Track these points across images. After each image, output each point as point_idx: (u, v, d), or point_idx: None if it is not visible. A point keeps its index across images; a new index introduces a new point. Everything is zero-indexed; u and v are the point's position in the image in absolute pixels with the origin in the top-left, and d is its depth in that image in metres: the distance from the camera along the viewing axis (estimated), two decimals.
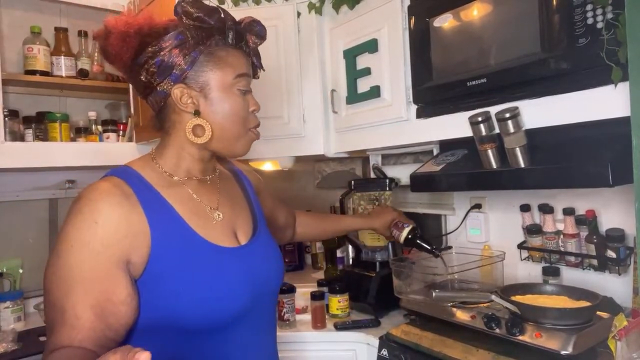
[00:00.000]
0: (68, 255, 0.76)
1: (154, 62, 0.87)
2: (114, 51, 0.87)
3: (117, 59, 0.88)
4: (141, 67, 0.88)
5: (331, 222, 1.58)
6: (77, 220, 0.78)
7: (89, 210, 0.78)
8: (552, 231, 1.46)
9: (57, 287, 0.76)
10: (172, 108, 0.91)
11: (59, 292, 0.75)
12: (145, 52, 0.87)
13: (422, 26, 1.44)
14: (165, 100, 0.90)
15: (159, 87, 0.88)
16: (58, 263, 0.77)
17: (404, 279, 1.54)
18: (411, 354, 1.34)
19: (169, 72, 0.87)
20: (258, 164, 2.13)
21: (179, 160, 0.93)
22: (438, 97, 1.44)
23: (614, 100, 1.02)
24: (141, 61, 0.87)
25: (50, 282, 0.77)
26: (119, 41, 0.86)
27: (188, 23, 0.89)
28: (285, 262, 2.42)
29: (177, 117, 0.91)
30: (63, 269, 0.76)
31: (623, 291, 1.33)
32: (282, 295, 1.59)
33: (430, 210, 1.95)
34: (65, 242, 0.77)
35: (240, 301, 0.87)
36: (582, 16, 1.04)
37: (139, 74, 0.89)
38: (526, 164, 1.20)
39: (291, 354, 1.57)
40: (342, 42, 1.80)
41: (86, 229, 0.77)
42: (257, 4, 1.88)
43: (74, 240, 0.76)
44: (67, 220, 0.79)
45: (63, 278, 0.76)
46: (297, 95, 1.90)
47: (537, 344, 1.12)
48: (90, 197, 0.80)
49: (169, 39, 0.87)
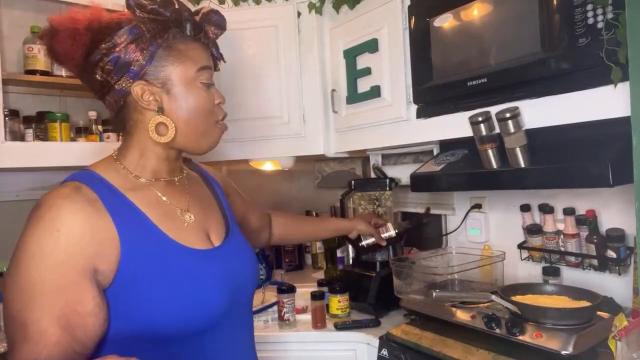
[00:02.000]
0: (29, 265, 0.71)
1: (109, 60, 0.82)
2: (63, 50, 0.83)
3: (68, 58, 0.84)
4: (95, 66, 0.83)
5: (312, 224, 1.57)
6: (37, 228, 0.73)
7: (50, 217, 0.73)
8: (552, 231, 1.46)
9: (18, 299, 0.71)
10: (133, 107, 0.87)
11: (19, 305, 0.71)
12: (99, 49, 0.82)
13: (423, 26, 1.44)
14: (124, 98, 0.86)
15: (117, 86, 0.84)
16: (18, 273, 0.71)
17: (404, 279, 1.54)
18: (411, 354, 1.34)
19: (127, 68, 0.83)
20: (258, 164, 2.13)
21: (144, 160, 0.89)
22: (438, 97, 1.44)
23: (614, 100, 1.02)
24: (95, 59, 0.83)
25: (10, 294, 0.72)
26: (67, 39, 0.82)
27: (142, 16, 0.85)
28: (285, 262, 2.42)
29: (139, 116, 0.87)
30: (24, 280, 0.71)
31: (623, 291, 1.33)
32: (282, 295, 1.59)
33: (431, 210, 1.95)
34: (25, 252, 0.72)
35: (218, 304, 0.85)
36: (582, 16, 1.04)
37: (93, 73, 0.84)
38: (526, 164, 1.20)
39: (291, 354, 1.57)
40: (342, 42, 1.80)
41: (48, 237, 0.72)
42: (257, 3, 1.88)
43: (35, 249, 0.72)
44: (27, 228, 0.74)
45: (24, 290, 0.71)
46: (297, 95, 1.89)
47: (537, 344, 1.12)
48: (52, 204, 0.75)
49: (123, 34, 0.82)
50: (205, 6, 0.93)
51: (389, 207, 1.78)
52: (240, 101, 1.90)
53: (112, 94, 0.86)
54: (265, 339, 1.58)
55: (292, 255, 2.44)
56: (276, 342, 1.58)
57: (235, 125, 1.91)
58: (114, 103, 0.87)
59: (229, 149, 1.93)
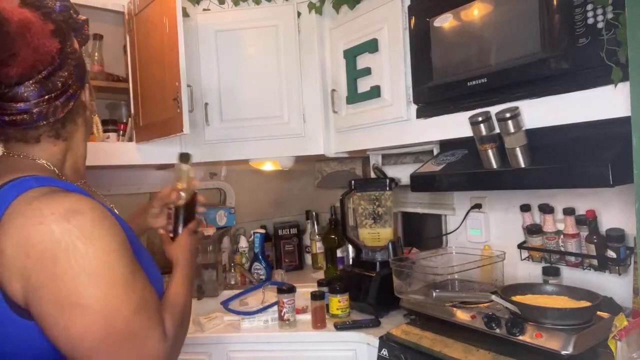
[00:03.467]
0: (112, 263, 0.76)
1: (74, 64, 0.84)
2: (36, 45, 0.77)
3: (37, 56, 0.78)
4: (60, 69, 0.82)
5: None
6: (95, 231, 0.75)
7: (96, 219, 0.76)
8: (552, 231, 1.46)
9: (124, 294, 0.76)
10: (77, 110, 0.88)
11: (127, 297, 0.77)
12: (64, 52, 0.82)
13: (423, 26, 1.44)
14: (74, 102, 0.86)
15: (71, 90, 0.84)
16: (105, 275, 0.74)
17: (404, 279, 1.54)
18: (411, 354, 1.34)
19: (83, 72, 0.87)
20: (258, 164, 2.13)
21: (76, 164, 0.92)
22: (438, 97, 1.44)
23: (614, 100, 1.02)
24: (62, 62, 0.82)
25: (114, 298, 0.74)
26: (40, 37, 0.78)
27: (71, 22, 0.87)
28: (286, 262, 2.42)
29: (80, 119, 0.90)
30: (115, 276, 0.76)
31: (623, 291, 1.33)
32: (282, 295, 1.59)
33: (430, 210, 1.95)
34: (103, 253, 0.75)
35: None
36: (582, 16, 1.04)
37: (52, 76, 0.81)
38: (526, 164, 1.20)
39: (291, 354, 1.57)
40: (342, 42, 1.80)
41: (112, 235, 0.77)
42: (257, 4, 1.88)
43: (108, 247, 0.75)
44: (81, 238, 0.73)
45: (117, 283, 0.77)
46: (297, 95, 1.90)
47: (537, 344, 1.12)
48: (87, 208, 0.76)
49: (72, 39, 0.85)
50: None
51: (389, 207, 1.78)
52: (240, 101, 1.90)
53: (64, 98, 0.84)
54: (265, 339, 1.58)
55: (292, 255, 2.44)
56: (276, 342, 1.58)
57: (235, 125, 1.91)
58: (60, 108, 0.83)
59: (229, 149, 1.93)
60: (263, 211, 2.58)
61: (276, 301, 1.64)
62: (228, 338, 1.59)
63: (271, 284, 1.94)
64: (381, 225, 1.78)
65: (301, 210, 2.63)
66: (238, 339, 1.59)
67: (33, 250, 0.70)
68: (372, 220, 1.79)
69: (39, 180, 0.78)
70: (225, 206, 2.37)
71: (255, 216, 2.53)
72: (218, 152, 1.94)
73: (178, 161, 1.19)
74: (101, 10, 1.96)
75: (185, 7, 1.88)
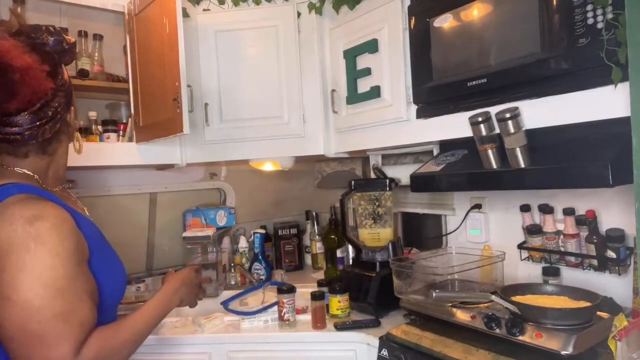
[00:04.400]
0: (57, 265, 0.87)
1: (63, 95, 0.97)
2: (28, 90, 0.90)
3: (35, 94, 0.92)
4: (52, 101, 0.95)
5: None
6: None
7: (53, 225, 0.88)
8: (552, 231, 1.46)
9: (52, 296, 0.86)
10: (62, 129, 1.00)
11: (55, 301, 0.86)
12: (56, 88, 0.95)
13: (423, 26, 1.44)
14: (60, 123, 0.98)
15: (59, 115, 0.97)
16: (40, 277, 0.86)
17: (404, 279, 1.54)
18: (411, 354, 1.34)
19: (70, 98, 1.00)
20: (258, 164, 2.13)
21: (58, 173, 1.04)
22: (438, 97, 1.44)
23: (614, 100, 1.02)
24: (52, 97, 0.95)
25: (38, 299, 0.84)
26: (27, 85, 0.90)
27: (63, 52, 0.99)
28: (286, 262, 2.42)
29: (64, 136, 1.02)
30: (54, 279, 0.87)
31: (623, 291, 1.33)
32: (282, 295, 1.59)
33: (430, 210, 1.95)
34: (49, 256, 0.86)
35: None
36: (582, 16, 1.04)
37: (45, 107, 0.94)
38: (526, 164, 1.20)
39: (291, 354, 1.57)
40: (342, 42, 1.80)
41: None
42: (257, 4, 1.88)
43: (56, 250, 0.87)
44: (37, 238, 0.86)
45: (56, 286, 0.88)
46: (297, 95, 1.89)
47: (537, 344, 1.12)
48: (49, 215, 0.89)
49: (62, 71, 0.99)
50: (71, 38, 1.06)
51: (388, 207, 1.79)
52: (240, 101, 1.90)
53: (54, 122, 0.96)
54: (265, 339, 1.58)
55: (292, 255, 2.44)
56: (276, 342, 1.58)
57: (235, 126, 1.91)
58: (49, 130, 0.95)
59: (229, 149, 1.93)
60: (263, 211, 2.58)
61: (276, 301, 1.64)
62: (228, 338, 1.59)
63: (271, 284, 1.94)
64: (381, 225, 1.78)
65: (301, 210, 2.63)
66: (238, 339, 1.59)
67: (0, 246, 0.82)
68: (372, 221, 1.80)
69: (20, 188, 0.91)
70: (225, 206, 2.37)
71: (255, 216, 2.53)
72: (218, 152, 1.94)
73: None
74: (101, 10, 1.96)
75: (185, 8, 1.88)
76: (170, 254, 2.29)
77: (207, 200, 2.43)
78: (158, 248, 2.28)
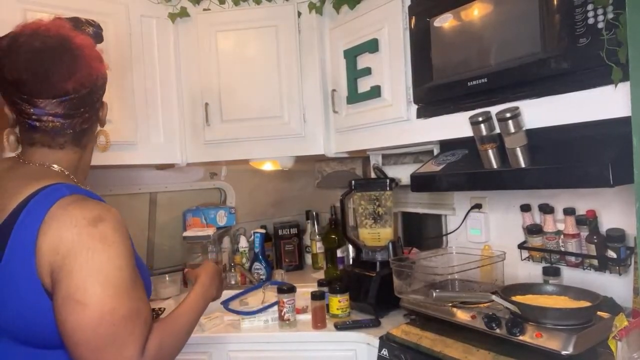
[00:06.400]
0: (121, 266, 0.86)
1: (103, 84, 0.97)
2: (86, 72, 0.91)
3: (92, 77, 0.93)
4: (98, 88, 0.96)
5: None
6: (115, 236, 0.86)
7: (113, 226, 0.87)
8: (552, 231, 1.46)
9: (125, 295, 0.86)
10: (94, 122, 1.00)
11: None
12: (104, 75, 0.97)
13: (423, 26, 1.44)
14: (97, 115, 0.99)
15: (97, 105, 0.97)
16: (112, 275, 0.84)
17: (404, 279, 1.54)
18: (411, 354, 1.34)
19: (104, 90, 0.98)
20: (258, 164, 2.13)
21: (85, 170, 1.02)
22: (438, 97, 1.44)
23: (614, 100, 1.02)
24: (101, 84, 0.96)
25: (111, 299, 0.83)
26: (83, 66, 0.91)
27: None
28: (286, 262, 2.42)
29: (94, 129, 1.01)
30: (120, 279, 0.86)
31: (623, 291, 1.33)
32: (282, 295, 1.59)
33: (431, 210, 1.95)
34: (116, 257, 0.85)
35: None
36: (582, 16, 1.04)
37: (92, 94, 0.94)
38: (527, 164, 1.20)
39: (291, 354, 1.57)
40: (342, 42, 1.80)
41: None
42: (257, 3, 1.88)
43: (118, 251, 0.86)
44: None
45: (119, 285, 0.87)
46: (297, 95, 1.89)
47: (537, 344, 1.12)
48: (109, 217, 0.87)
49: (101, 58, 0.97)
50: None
51: (389, 207, 1.78)
52: (240, 101, 1.90)
53: (91, 112, 0.96)
54: (265, 339, 1.58)
55: (292, 255, 2.44)
56: (276, 342, 1.58)
57: (235, 126, 1.91)
58: (86, 121, 0.95)
59: (229, 148, 1.93)
60: (263, 211, 2.58)
61: (276, 301, 1.64)
62: (228, 338, 1.59)
63: (271, 284, 1.94)
64: (381, 225, 1.78)
65: (301, 210, 2.63)
66: (238, 339, 1.59)
67: (62, 248, 0.80)
68: (372, 220, 1.80)
69: (70, 189, 0.88)
70: (225, 206, 2.37)
71: (255, 216, 2.53)
72: (218, 152, 1.94)
73: None
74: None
75: (186, 7, 1.88)
76: (171, 253, 2.29)
77: (207, 200, 2.43)
78: (158, 248, 2.28)
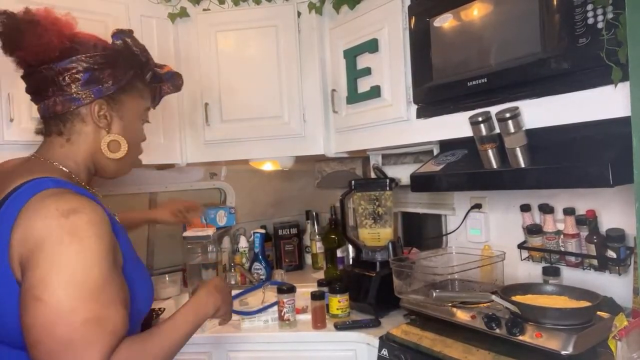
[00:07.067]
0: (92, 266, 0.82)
1: (82, 70, 0.91)
2: (37, 42, 0.87)
3: (41, 50, 0.88)
4: (65, 70, 0.90)
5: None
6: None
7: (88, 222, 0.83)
8: (552, 231, 1.46)
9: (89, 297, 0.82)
10: (81, 117, 0.94)
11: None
12: (77, 58, 0.91)
13: (423, 26, 1.44)
14: (77, 107, 0.93)
15: (75, 94, 0.92)
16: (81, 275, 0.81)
17: (404, 279, 1.54)
18: (411, 354, 1.34)
19: (95, 85, 0.93)
20: (258, 164, 2.13)
21: (78, 170, 0.96)
22: (438, 97, 1.44)
23: (614, 100, 1.02)
24: (67, 65, 0.90)
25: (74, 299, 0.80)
26: (47, 35, 0.87)
27: (122, 50, 0.97)
28: (286, 262, 2.42)
29: (84, 128, 0.95)
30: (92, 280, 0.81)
31: (623, 291, 1.33)
32: (282, 295, 1.59)
33: (431, 210, 1.95)
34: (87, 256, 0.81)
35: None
36: (582, 16, 1.04)
37: (58, 75, 0.90)
38: (526, 164, 1.20)
39: (291, 354, 1.57)
40: (342, 42, 1.80)
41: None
42: (257, 3, 1.88)
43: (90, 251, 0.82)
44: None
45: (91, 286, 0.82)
46: (297, 95, 1.89)
47: (537, 344, 1.12)
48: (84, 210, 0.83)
49: (104, 58, 0.93)
50: (168, 66, 1.08)
51: (389, 207, 1.78)
52: (240, 101, 1.90)
53: (65, 97, 0.92)
54: (265, 339, 1.59)
55: (292, 255, 2.44)
56: (276, 342, 1.58)
57: (235, 125, 1.91)
58: (60, 105, 0.92)
59: (229, 149, 1.93)
60: (263, 211, 2.58)
61: (276, 301, 1.64)
62: (228, 338, 1.59)
63: (271, 284, 1.94)
64: (381, 225, 1.78)
65: (301, 210, 2.63)
66: (238, 339, 1.59)
67: (31, 240, 0.76)
68: (372, 220, 1.80)
69: (57, 182, 0.85)
70: (225, 206, 2.37)
71: (255, 216, 2.53)
72: (218, 152, 1.94)
73: None
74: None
75: (186, 7, 1.88)
76: (170, 253, 2.29)
77: (207, 200, 2.43)
78: (158, 248, 2.28)
